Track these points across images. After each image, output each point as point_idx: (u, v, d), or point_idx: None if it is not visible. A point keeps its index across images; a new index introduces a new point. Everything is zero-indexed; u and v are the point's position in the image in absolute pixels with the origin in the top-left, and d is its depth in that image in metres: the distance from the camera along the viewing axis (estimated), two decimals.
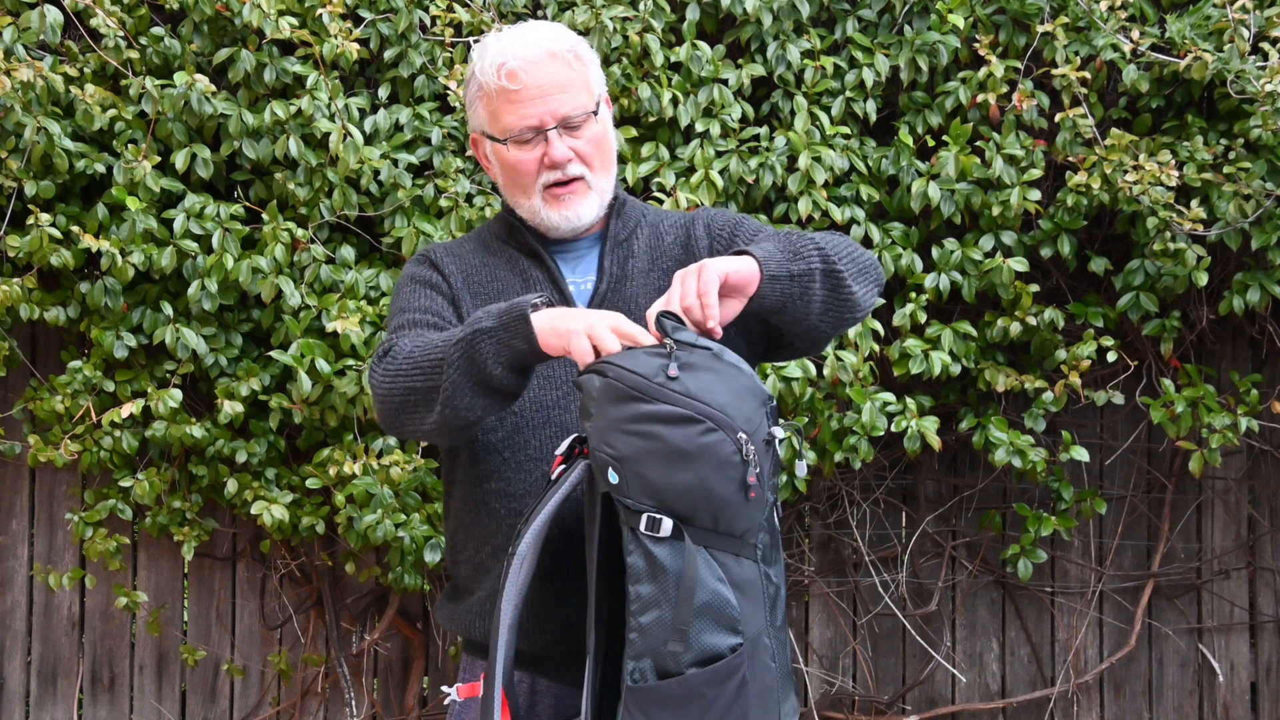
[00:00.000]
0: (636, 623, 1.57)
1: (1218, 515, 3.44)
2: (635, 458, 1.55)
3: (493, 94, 1.85)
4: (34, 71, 2.79)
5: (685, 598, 1.54)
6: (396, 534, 2.95)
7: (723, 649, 1.56)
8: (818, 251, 1.77)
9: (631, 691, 1.57)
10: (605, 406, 1.58)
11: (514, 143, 1.86)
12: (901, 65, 3.08)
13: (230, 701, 3.37)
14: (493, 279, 1.94)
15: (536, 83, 1.83)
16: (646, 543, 1.55)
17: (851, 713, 3.40)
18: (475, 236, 2.03)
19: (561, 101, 1.84)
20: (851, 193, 3.07)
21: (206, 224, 2.91)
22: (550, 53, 1.84)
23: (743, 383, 1.59)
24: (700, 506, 1.55)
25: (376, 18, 3.00)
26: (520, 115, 1.84)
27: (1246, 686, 3.46)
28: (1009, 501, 3.38)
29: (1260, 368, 3.39)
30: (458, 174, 2.98)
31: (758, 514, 1.59)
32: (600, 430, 1.58)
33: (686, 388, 1.55)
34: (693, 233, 1.98)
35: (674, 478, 1.54)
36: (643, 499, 1.55)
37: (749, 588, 1.59)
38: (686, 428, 1.53)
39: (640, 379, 1.55)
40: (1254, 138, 2.97)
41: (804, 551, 3.41)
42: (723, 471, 1.54)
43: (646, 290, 1.92)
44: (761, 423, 1.58)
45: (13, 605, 3.35)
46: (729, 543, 1.58)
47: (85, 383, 2.99)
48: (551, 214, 1.89)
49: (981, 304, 3.17)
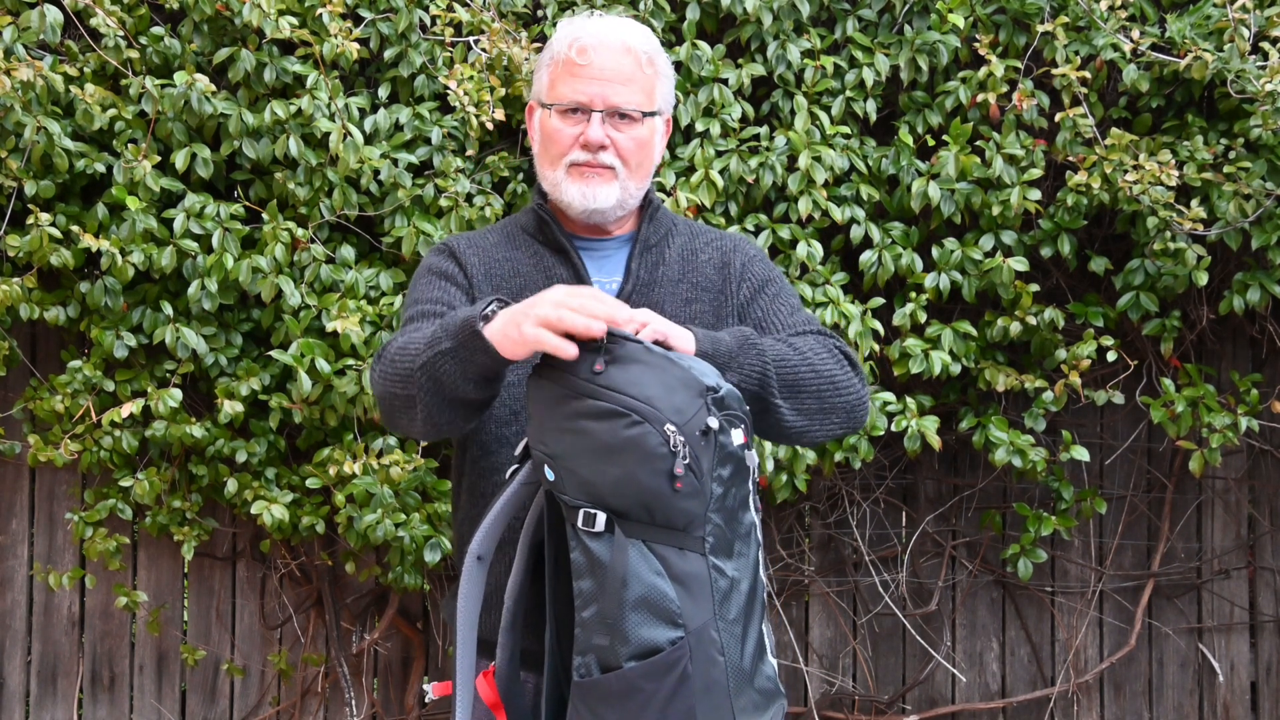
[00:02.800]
0: (580, 618, 1.58)
1: (1218, 515, 3.44)
2: (567, 454, 1.56)
3: (560, 62, 1.89)
4: (34, 71, 2.79)
5: (613, 591, 1.54)
6: (396, 534, 2.95)
7: (660, 642, 1.55)
8: (762, 373, 1.77)
9: (578, 686, 1.58)
10: (540, 406, 1.59)
11: (559, 111, 1.89)
12: (901, 65, 3.08)
13: (230, 701, 3.37)
14: (515, 274, 1.94)
15: (601, 65, 1.87)
16: (584, 538, 1.56)
17: (851, 712, 3.40)
18: (501, 229, 2.02)
19: (618, 91, 1.87)
20: (851, 192, 3.07)
21: (206, 224, 2.91)
22: (626, 46, 1.88)
23: (674, 374, 1.56)
24: (632, 500, 1.55)
25: (376, 17, 3.00)
26: (574, 88, 1.87)
27: (1246, 686, 3.46)
28: (1009, 501, 3.38)
29: (1260, 367, 3.39)
30: (458, 174, 2.98)
31: (696, 506, 1.56)
32: (536, 429, 1.60)
33: (613, 381, 1.54)
34: (732, 263, 1.99)
35: (603, 472, 1.54)
36: (577, 495, 1.57)
37: (692, 581, 1.57)
38: (612, 422, 1.53)
39: (569, 377, 1.56)
40: (1254, 137, 2.97)
41: (804, 551, 3.41)
42: (649, 464, 1.53)
43: (673, 299, 1.93)
44: (697, 414, 1.55)
45: (13, 605, 3.35)
46: (670, 535, 1.56)
47: (85, 382, 2.99)
48: (570, 188, 1.90)
49: (981, 304, 3.17)
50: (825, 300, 3.00)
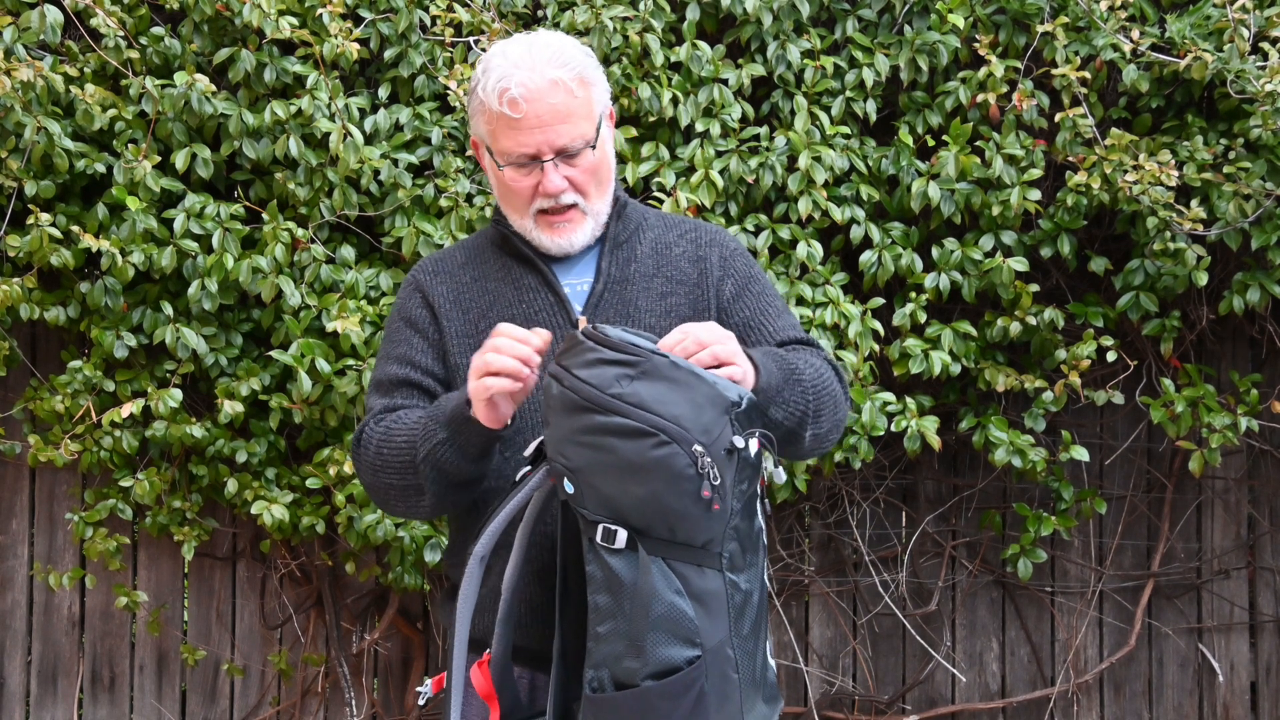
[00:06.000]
0: (594, 631, 1.57)
1: (1218, 515, 3.44)
2: (588, 469, 1.54)
3: (494, 115, 1.82)
4: (34, 71, 2.79)
5: (639, 613, 1.53)
6: (396, 534, 2.96)
7: (679, 662, 1.54)
8: (803, 412, 1.81)
9: (589, 700, 1.57)
10: (560, 416, 1.57)
11: (510, 165, 1.84)
12: (901, 65, 3.07)
13: (230, 701, 3.37)
14: (484, 292, 1.92)
15: (537, 113, 1.80)
16: (602, 553, 1.55)
17: (851, 712, 3.40)
18: (471, 245, 2.00)
19: (560, 132, 1.81)
20: (851, 192, 3.07)
21: (206, 224, 2.91)
22: (553, 81, 1.80)
23: (703, 391, 1.54)
24: (655, 519, 1.53)
25: (376, 18, 3.00)
26: (518, 142, 1.81)
27: (1246, 686, 3.46)
28: (1009, 501, 3.38)
29: (1260, 367, 3.39)
30: (458, 174, 2.98)
31: (719, 524, 1.55)
32: (556, 440, 1.58)
33: (640, 398, 1.52)
34: (709, 256, 1.96)
35: (627, 490, 1.53)
36: (597, 510, 1.55)
37: (710, 599, 1.56)
38: (638, 441, 1.51)
39: (593, 390, 1.53)
40: (1254, 137, 2.97)
41: (804, 551, 3.41)
42: (677, 485, 1.51)
43: (648, 295, 1.91)
44: (722, 432, 1.54)
45: (13, 605, 3.35)
46: (690, 553, 1.56)
47: (85, 383, 2.99)
48: (544, 238, 1.89)
49: (981, 304, 3.17)
50: (825, 300, 3.00)
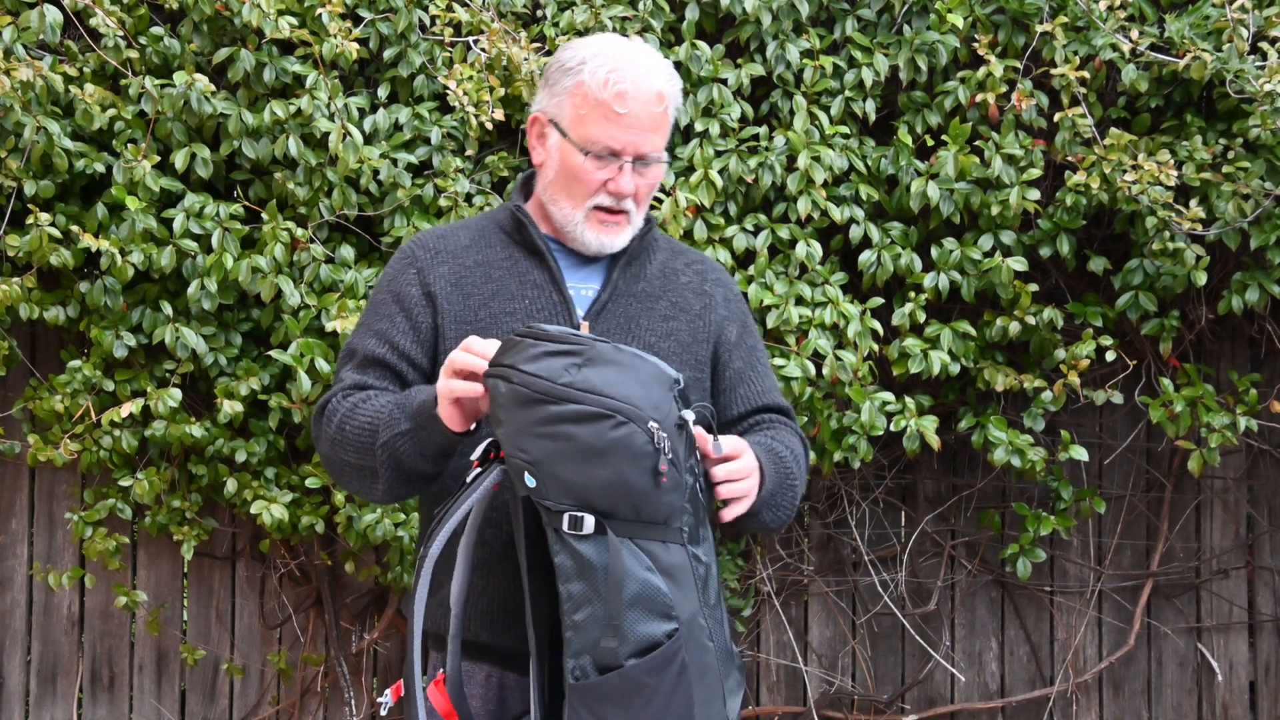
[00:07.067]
0: (571, 621, 1.59)
1: (1217, 515, 3.44)
2: (550, 459, 1.56)
3: (593, 101, 1.82)
4: (34, 71, 2.79)
5: (615, 593, 1.56)
6: (396, 533, 2.96)
7: (658, 636, 1.59)
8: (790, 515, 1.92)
9: (574, 689, 1.59)
10: (513, 412, 1.58)
11: (592, 155, 1.84)
12: (901, 65, 3.08)
13: (230, 701, 3.37)
14: (487, 280, 1.90)
15: (638, 115, 1.82)
16: (571, 541, 1.57)
17: (851, 712, 3.40)
18: (476, 226, 1.97)
19: (649, 140, 1.84)
20: (851, 192, 3.07)
21: (206, 224, 2.91)
22: (660, 94, 1.84)
23: (648, 370, 1.60)
24: (620, 500, 1.57)
25: (376, 17, 3.00)
26: (611, 135, 1.82)
27: (1245, 686, 3.46)
28: (1008, 501, 3.38)
29: (1259, 367, 3.39)
30: (457, 173, 2.98)
31: (677, 498, 1.60)
32: (512, 436, 1.59)
33: (592, 383, 1.55)
34: (713, 294, 2.00)
35: (591, 475, 1.56)
36: (562, 499, 1.57)
37: (678, 573, 1.61)
38: (597, 424, 1.54)
39: (545, 382, 1.55)
40: (1253, 137, 2.97)
41: (803, 551, 3.41)
42: (638, 463, 1.55)
43: (651, 315, 1.92)
44: (671, 407, 1.59)
45: (12, 605, 3.35)
46: (654, 530, 1.60)
47: (85, 382, 2.99)
48: (589, 234, 1.88)
49: (981, 303, 3.17)
50: (824, 300, 3.00)
